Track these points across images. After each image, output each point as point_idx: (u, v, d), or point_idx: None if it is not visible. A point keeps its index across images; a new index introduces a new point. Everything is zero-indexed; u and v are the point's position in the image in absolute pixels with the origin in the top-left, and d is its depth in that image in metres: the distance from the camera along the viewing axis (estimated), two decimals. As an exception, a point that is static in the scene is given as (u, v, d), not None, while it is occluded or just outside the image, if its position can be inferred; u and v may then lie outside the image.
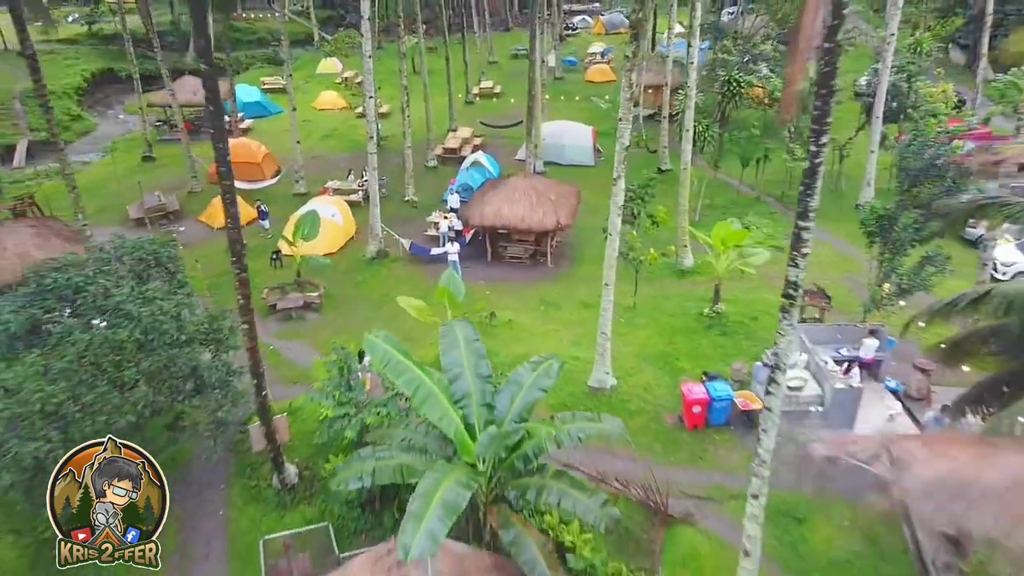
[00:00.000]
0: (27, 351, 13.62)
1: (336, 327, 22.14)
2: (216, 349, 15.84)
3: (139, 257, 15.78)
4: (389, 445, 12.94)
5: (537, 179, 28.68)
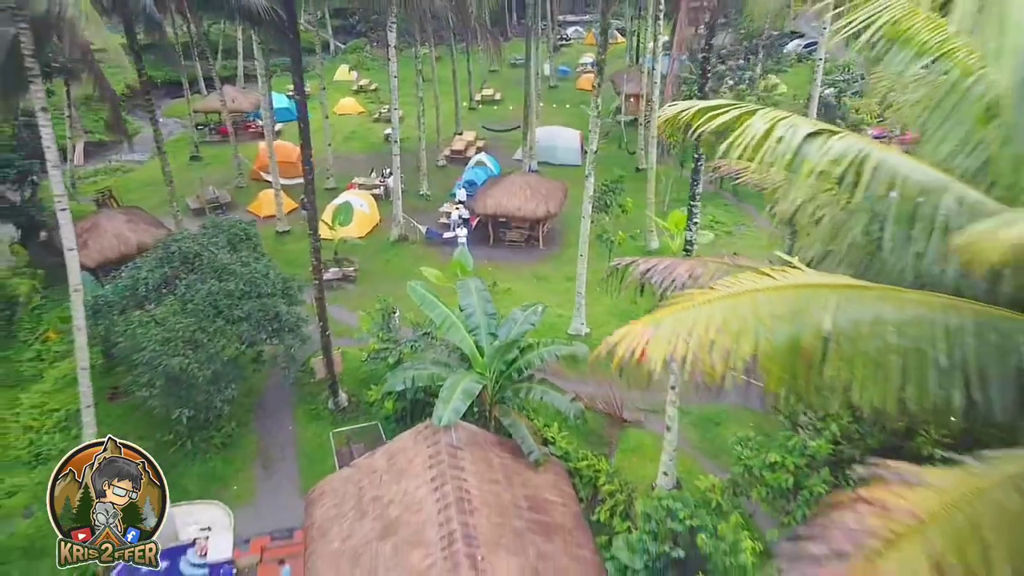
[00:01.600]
0: (163, 298, 19.04)
1: (369, 295, 27.47)
2: (289, 302, 21.26)
3: (233, 233, 21.20)
4: (423, 361, 18.38)
5: (532, 176, 34.16)
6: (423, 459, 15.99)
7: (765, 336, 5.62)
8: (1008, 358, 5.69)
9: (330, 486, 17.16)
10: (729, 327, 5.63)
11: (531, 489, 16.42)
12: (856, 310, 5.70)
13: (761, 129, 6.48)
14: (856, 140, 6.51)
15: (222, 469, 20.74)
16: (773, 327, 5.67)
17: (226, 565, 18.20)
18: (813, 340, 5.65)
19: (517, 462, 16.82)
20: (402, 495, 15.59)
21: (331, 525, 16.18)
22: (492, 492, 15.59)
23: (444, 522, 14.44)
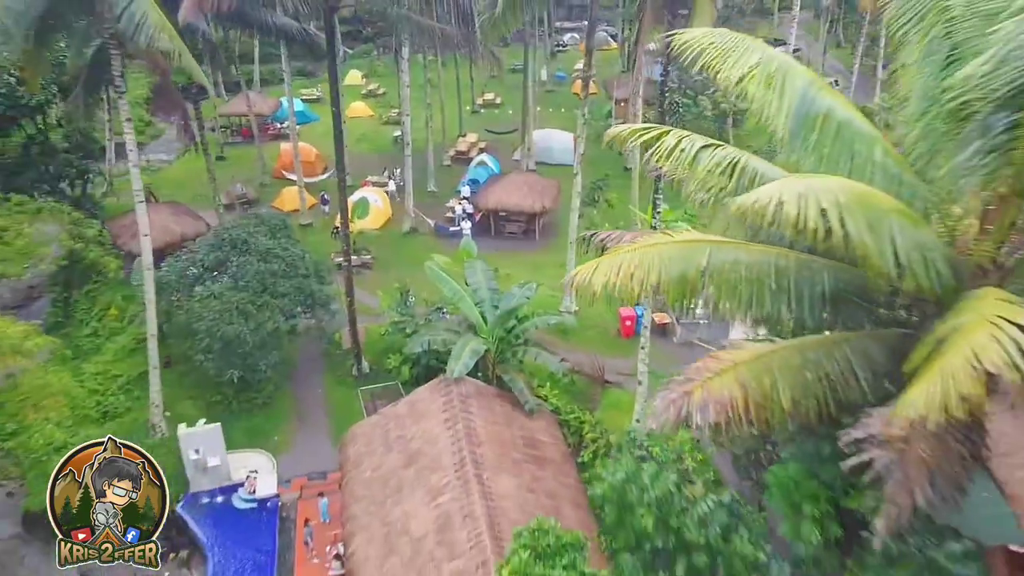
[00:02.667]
0: (216, 277, 22.61)
1: (384, 280, 31.01)
2: (320, 282, 24.83)
3: (272, 224, 24.78)
4: (437, 329, 21.97)
5: (529, 175, 37.76)
6: (439, 405, 19.61)
7: (665, 271, 9.18)
8: (815, 286, 9.25)
9: (361, 430, 20.80)
10: (643, 265, 9.19)
11: (527, 431, 20.04)
12: (721, 255, 9.25)
13: (671, 143, 10.01)
14: (733, 150, 10.04)
15: (264, 424, 24.34)
16: (670, 265, 9.22)
17: (272, 499, 21.85)
18: (695, 273, 9.21)
19: (515, 410, 20.45)
20: (422, 433, 19.21)
21: (363, 459, 19.80)
22: (495, 431, 19.19)
23: (456, 451, 18.05)
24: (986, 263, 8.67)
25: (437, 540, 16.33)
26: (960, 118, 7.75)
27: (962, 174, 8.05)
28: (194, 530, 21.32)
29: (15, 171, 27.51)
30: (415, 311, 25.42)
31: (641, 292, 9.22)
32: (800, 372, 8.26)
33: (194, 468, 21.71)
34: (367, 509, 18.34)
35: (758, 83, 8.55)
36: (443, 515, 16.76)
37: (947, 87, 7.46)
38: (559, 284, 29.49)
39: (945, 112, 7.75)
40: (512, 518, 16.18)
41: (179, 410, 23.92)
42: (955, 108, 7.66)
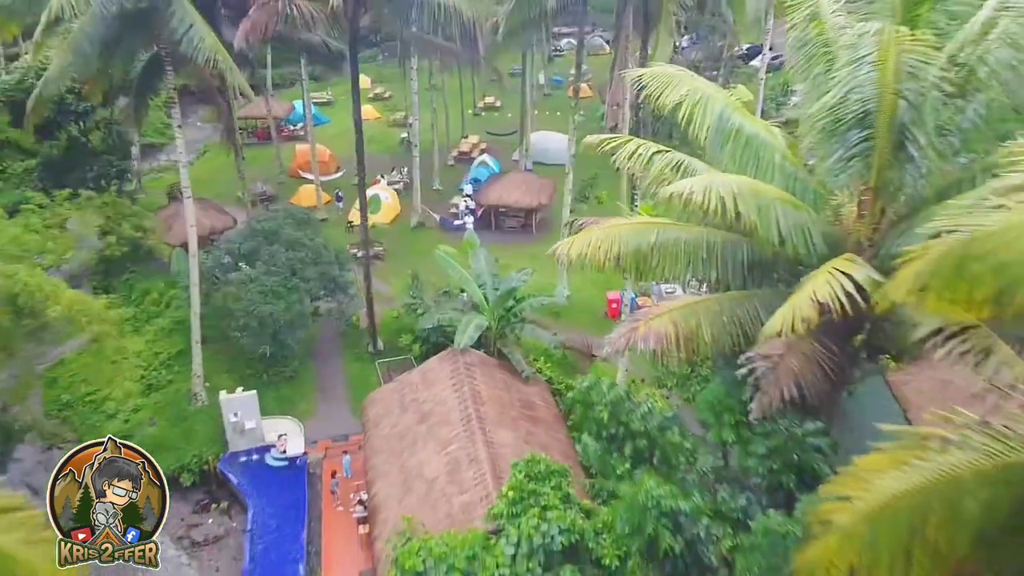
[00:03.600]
0: (251, 263, 25.72)
1: (395, 269, 34.10)
2: (340, 269, 27.92)
3: (298, 217, 27.89)
4: (445, 309, 25.09)
5: (527, 174, 40.90)
6: (447, 372, 22.74)
7: (624, 245, 12.28)
8: (736, 257, 12.35)
9: (379, 395, 23.95)
10: (607, 241, 12.28)
11: (523, 395, 23.17)
12: (666, 234, 12.35)
13: (631, 149, 13.12)
14: (680, 154, 13.13)
15: (291, 394, 27.47)
16: (628, 241, 12.32)
17: (300, 458, 24.96)
18: (647, 247, 12.31)
19: (513, 378, 23.58)
20: (433, 396, 22.34)
21: (381, 419, 22.93)
22: (495, 394, 22.30)
23: (463, 410, 21.16)
24: (864, 240, 11.79)
25: (448, 480, 19.45)
26: (829, 133, 10.87)
27: (834, 174, 11.17)
28: (233, 484, 24.46)
29: (64, 170, 30.60)
30: (425, 295, 28.52)
31: (606, 261, 12.33)
32: (719, 316, 11.39)
33: (233, 430, 24.82)
34: (387, 460, 21.47)
35: (688, 107, 11.65)
36: (452, 460, 19.89)
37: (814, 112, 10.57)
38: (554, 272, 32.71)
39: (818, 129, 10.86)
40: (510, 462, 19.27)
41: (216, 383, 26.98)
42: (824, 126, 10.79)
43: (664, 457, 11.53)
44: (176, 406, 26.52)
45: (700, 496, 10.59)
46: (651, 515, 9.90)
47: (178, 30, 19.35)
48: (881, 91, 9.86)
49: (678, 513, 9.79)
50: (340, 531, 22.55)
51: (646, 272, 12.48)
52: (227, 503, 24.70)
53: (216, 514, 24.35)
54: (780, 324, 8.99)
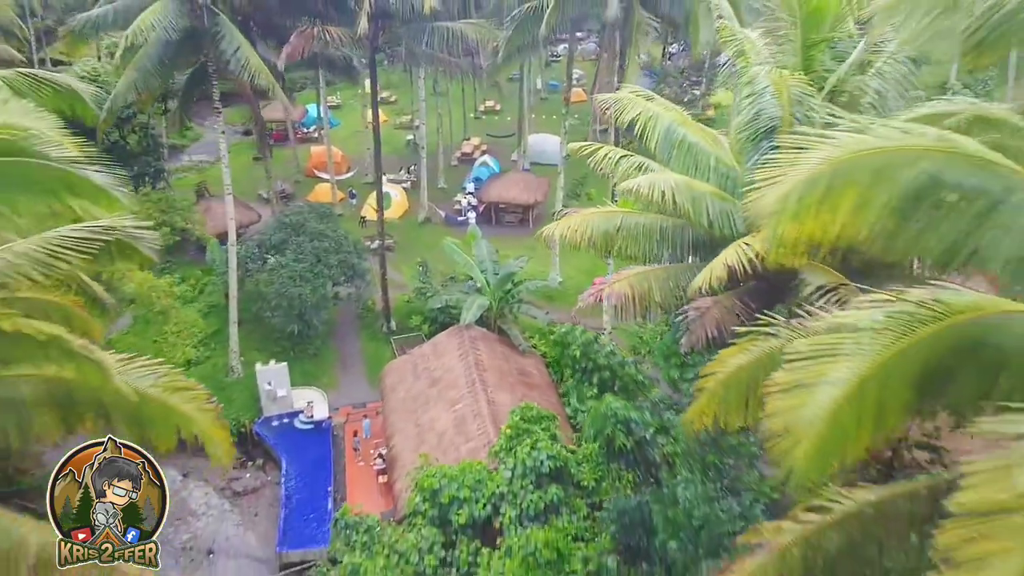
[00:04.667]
0: (282, 252, 29.29)
1: (405, 260, 37.65)
2: (358, 257, 31.49)
3: (320, 212, 31.46)
4: (452, 292, 28.67)
5: (524, 174, 44.49)
6: (454, 345, 26.31)
7: (595, 229, 15.84)
8: (684, 238, 15.89)
9: (395, 365, 27.54)
10: (582, 225, 15.85)
11: (520, 365, 26.73)
12: (628, 220, 15.89)
13: (603, 153, 16.66)
14: (641, 157, 16.65)
15: (314, 369, 31.02)
16: (598, 225, 15.88)
17: (325, 422, 28.50)
18: (613, 231, 15.85)
19: (511, 350, 27.15)
20: (442, 365, 25.91)
21: (398, 385, 26.51)
22: (496, 363, 25.86)
23: (468, 375, 24.72)
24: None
25: (455, 432, 23.03)
26: (748, 141, 14.41)
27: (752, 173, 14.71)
28: (268, 444, 28.03)
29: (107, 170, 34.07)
30: (433, 280, 32.12)
31: (581, 241, 15.86)
32: (666, 281, 14.94)
33: (266, 397, 28.38)
34: (403, 418, 25.06)
35: (642, 122, 15.21)
36: (459, 416, 23.46)
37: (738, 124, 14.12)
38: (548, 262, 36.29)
39: (742, 139, 14.40)
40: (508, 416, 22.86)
41: (249, 358, 30.52)
42: (745, 136, 14.34)
43: (624, 387, 15.09)
44: (215, 378, 30.02)
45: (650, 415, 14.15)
46: (610, 422, 13.41)
47: (227, 51, 22.88)
48: (781, 112, 13.42)
49: (630, 421, 13.29)
50: (362, 482, 26.06)
51: (612, 250, 16.02)
52: (262, 460, 28.25)
53: (253, 470, 27.91)
54: (701, 281, 12.54)
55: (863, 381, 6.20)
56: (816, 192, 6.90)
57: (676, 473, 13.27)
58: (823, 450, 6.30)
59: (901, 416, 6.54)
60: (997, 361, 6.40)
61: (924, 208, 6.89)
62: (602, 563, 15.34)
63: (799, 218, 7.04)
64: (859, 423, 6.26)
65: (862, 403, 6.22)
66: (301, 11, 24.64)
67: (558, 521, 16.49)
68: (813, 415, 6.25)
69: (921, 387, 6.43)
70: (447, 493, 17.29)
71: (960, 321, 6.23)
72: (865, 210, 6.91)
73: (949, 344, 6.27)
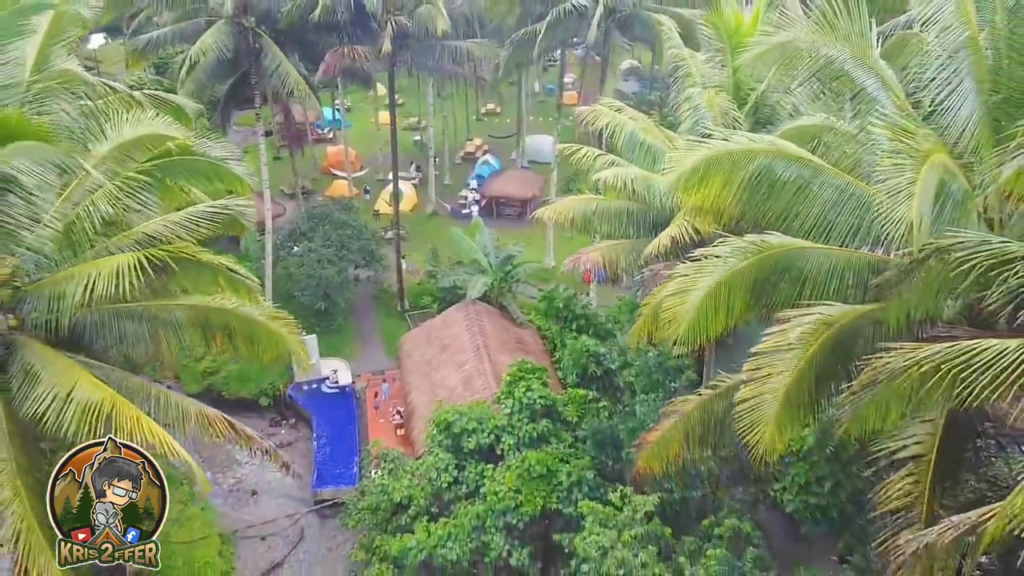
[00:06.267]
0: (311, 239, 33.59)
1: (415, 248, 41.84)
2: (375, 245, 35.79)
3: (344, 204, 35.77)
4: (458, 273, 32.99)
5: (522, 171, 48.85)
6: (462, 317, 30.62)
7: (576, 212, 20.12)
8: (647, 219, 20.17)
9: (411, 335, 31.87)
10: (566, 209, 20.14)
11: (518, 335, 31.02)
12: (602, 205, 20.12)
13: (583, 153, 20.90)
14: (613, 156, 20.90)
15: (337, 342, 35.29)
16: (577, 209, 20.17)
17: (349, 386, 32.78)
18: (589, 214, 20.14)
19: (510, 322, 31.44)
20: (451, 334, 30.23)
21: (413, 351, 30.83)
22: (497, 332, 30.15)
23: (473, 342, 29.01)
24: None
25: (463, 388, 27.32)
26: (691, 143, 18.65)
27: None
28: (299, 405, 32.33)
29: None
30: (441, 265, 36.45)
31: (564, 221, 20.13)
32: (631, 252, 19.21)
33: (298, 365, 32.61)
34: (418, 378, 29.37)
35: (611, 129, 19.48)
36: (466, 375, 27.78)
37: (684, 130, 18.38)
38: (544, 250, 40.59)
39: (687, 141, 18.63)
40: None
41: (280, 332, 34.82)
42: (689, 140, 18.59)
43: (596, 332, 19.31)
44: (251, 349, 34.30)
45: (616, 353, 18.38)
46: (584, 355, 17.58)
47: (269, 67, 27.15)
48: (713, 118, 17.70)
49: (599, 355, 17.43)
50: (382, 434, 30.27)
51: (590, 229, 20.31)
52: (294, 420, 32.54)
53: (286, 427, 32.21)
54: (651, 248, 16.81)
55: (718, 286, 10.47)
56: (696, 175, 11.17)
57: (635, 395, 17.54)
58: (695, 328, 10.59)
59: (742, 309, 10.77)
60: (800, 278, 10.68)
61: (763, 186, 11.18)
62: (582, 476, 19.64)
63: (687, 191, 11.31)
64: (716, 312, 10.53)
65: (717, 300, 10.48)
66: (332, 31, 28.85)
67: (548, 448, 20.78)
68: (689, 307, 10.53)
69: (755, 292, 10.70)
70: (459, 425, 21.53)
71: (774, 253, 10.51)
72: (728, 187, 11.18)
73: (768, 266, 10.52)
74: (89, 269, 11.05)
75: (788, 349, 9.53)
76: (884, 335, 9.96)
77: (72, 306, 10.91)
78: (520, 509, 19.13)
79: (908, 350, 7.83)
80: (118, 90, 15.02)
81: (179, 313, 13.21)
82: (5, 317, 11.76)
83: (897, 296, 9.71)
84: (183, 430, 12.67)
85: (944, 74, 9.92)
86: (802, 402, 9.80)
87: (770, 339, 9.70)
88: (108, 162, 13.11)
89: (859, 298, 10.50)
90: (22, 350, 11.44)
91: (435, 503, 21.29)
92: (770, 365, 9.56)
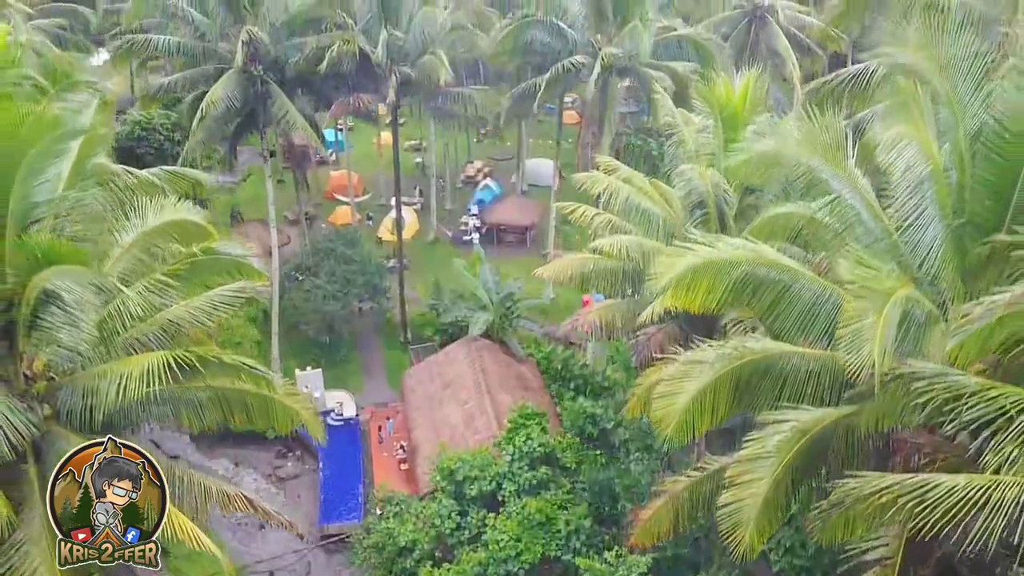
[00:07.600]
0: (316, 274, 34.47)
1: (417, 277, 42.70)
2: (379, 278, 36.66)
3: (348, 237, 36.66)
4: (460, 308, 33.84)
5: (522, 199, 49.83)
6: (463, 354, 31.49)
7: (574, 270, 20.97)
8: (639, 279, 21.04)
9: (415, 371, 32.74)
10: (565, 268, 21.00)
11: (518, 371, 31.88)
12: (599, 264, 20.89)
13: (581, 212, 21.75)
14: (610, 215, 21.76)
15: (342, 374, 36.17)
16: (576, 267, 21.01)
17: (353, 420, 33.64)
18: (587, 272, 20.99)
19: (511, 359, 32.28)
20: (453, 370, 31.10)
21: (416, 387, 31.70)
22: (498, 369, 31.00)
23: (475, 380, 29.88)
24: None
25: (465, 427, 28.19)
26: (686, 208, 19.51)
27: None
28: (305, 438, 33.15)
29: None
30: (444, 299, 37.33)
31: (564, 279, 21.01)
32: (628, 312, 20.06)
33: (304, 399, 33.51)
34: (421, 415, 30.23)
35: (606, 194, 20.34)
36: (468, 413, 28.65)
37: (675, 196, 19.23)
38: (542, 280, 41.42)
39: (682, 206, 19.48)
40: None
41: (286, 365, 35.69)
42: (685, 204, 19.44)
43: (593, 390, 20.21)
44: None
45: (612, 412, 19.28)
46: (581, 416, 18.47)
47: (277, 114, 28.05)
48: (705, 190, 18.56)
49: (595, 416, 18.32)
50: (386, 468, 31.18)
51: (588, 287, 21.19)
52: (300, 452, 33.40)
53: (293, 459, 33.09)
54: (644, 316, 17.66)
55: (703, 391, 11.34)
56: (684, 283, 12.04)
57: (629, 453, 18.43)
58: (682, 428, 11.46)
59: (727, 410, 11.64)
60: (780, 379, 11.55)
61: (748, 289, 12.04)
62: (580, 524, 20.52)
63: (675, 296, 12.18)
64: (701, 414, 11.40)
65: (703, 403, 11.35)
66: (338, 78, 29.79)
67: (547, 494, 21.66)
68: (677, 409, 11.39)
69: (738, 393, 11.56)
70: (462, 472, 22.40)
71: (756, 358, 11.38)
72: (713, 292, 12.03)
73: (749, 370, 11.40)
74: (121, 369, 11.89)
75: (766, 457, 10.39)
76: (856, 439, 10.85)
77: (106, 404, 11.76)
78: (520, 557, 20.01)
79: (873, 478, 8.68)
80: (140, 177, 15.85)
81: (201, 394, 14.08)
82: (40, 407, 12.61)
83: (869, 403, 10.58)
84: (205, 508, 13.51)
85: (912, 201, 10.79)
86: (780, 504, 10.66)
87: (749, 447, 10.55)
88: (134, 250, 14.04)
89: (834, 399, 11.37)
90: (58, 441, 12.29)
91: (438, 547, 22.16)
92: (750, 472, 10.42)
